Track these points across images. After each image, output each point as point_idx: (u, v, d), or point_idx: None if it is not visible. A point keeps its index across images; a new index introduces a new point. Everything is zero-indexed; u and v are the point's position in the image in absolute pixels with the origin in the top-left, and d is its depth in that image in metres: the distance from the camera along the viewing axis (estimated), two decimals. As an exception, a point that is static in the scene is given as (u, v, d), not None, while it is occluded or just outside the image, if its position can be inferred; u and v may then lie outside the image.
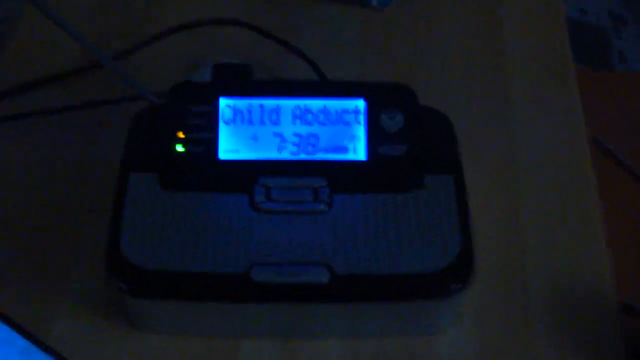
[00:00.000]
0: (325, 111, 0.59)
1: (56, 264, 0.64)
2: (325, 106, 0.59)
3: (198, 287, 0.55)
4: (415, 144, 0.58)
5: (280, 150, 0.58)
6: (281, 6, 0.80)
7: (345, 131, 0.58)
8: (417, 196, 0.57)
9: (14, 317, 0.50)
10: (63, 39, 0.63)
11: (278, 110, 0.59)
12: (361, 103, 0.59)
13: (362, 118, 0.59)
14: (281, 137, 0.58)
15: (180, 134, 0.58)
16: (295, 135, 0.58)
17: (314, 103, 0.59)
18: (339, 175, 0.58)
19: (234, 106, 0.59)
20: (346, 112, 0.59)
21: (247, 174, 0.57)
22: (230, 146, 0.58)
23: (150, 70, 0.74)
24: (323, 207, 0.57)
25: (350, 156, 0.58)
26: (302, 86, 0.61)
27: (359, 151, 0.58)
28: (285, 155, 0.58)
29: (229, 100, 0.59)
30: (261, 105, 0.59)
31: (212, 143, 0.58)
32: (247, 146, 0.58)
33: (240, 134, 0.58)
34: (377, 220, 0.56)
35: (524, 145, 0.72)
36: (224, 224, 0.56)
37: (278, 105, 0.59)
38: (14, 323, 0.50)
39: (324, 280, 0.54)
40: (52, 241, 0.65)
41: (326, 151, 0.58)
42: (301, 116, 0.59)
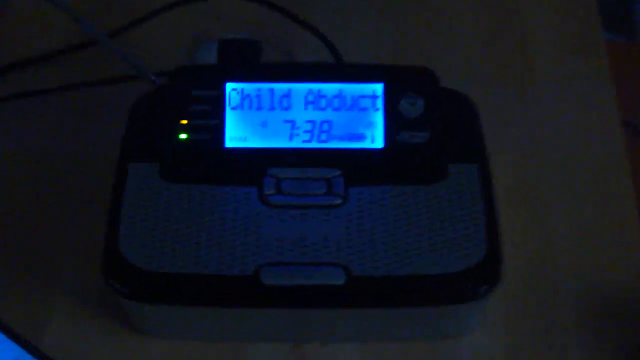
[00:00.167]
0: (340, 96, 0.57)
1: (49, 262, 0.62)
2: (340, 91, 0.57)
3: (202, 291, 0.53)
4: (437, 131, 0.57)
5: (291, 138, 0.57)
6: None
7: (361, 117, 0.57)
8: (440, 188, 0.55)
9: (4, 321, 0.49)
10: (54, 15, 0.61)
11: (289, 94, 0.57)
12: (379, 87, 0.57)
13: (380, 103, 0.57)
14: (292, 124, 0.57)
15: (183, 121, 0.57)
16: (307, 122, 0.57)
17: (328, 87, 0.57)
18: (355, 165, 0.56)
19: (242, 90, 0.57)
20: (363, 97, 0.57)
21: (256, 164, 0.56)
22: (237, 134, 0.57)
23: (150, 47, 0.72)
24: (337, 201, 0.55)
25: (367, 144, 0.57)
26: (316, 69, 0.60)
27: (377, 139, 0.57)
28: (296, 143, 0.57)
29: (237, 84, 0.57)
30: (271, 89, 0.57)
31: (218, 130, 0.56)
32: (256, 134, 0.57)
33: (248, 121, 0.57)
34: (397, 215, 0.54)
35: (550, 130, 0.69)
36: (230, 221, 0.54)
37: (289, 89, 0.57)
38: (5, 327, 0.49)
39: (339, 282, 0.52)
40: (45, 237, 0.63)
41: (341, 139, 0.57)
42: (314, 101, 0.57)
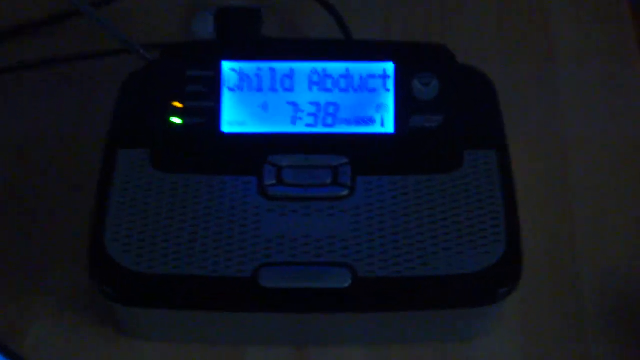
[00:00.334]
0: (347, 76, 0.55)
1: (32, 259, 0.58)
2: (347, 70, 0.55)
3: (196, 294, 0.49)
4: (453, 114, 0.54)
5: (294, 122, 0.54)
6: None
7: (370, 99, 0.55)
8: (455, 178, 0.52)
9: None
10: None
11: (292, 74, 0.55)
12: (390, 66, 0.55)
13: (391, 84, 0.55)
14: (295, 107, 0.55)
15: (176, 103, 0.54)
16: (311, 104, 0.55)
17: (335, 66, 0.55)
18: (363, 151, 0.53)
19: (240, 70, 0.55)
20: (372, 77, 0.55)
21: (255, 151, 0.53)
22: (235, 117, 0.54)
23: (139, 18, 0.69)
24: (343, 192, 0.52)
25: (376, 129, 0.54)
26: (320, 46, 0.57)
27: (387, 123, 0.54)
28: (299, 127, 0.54)
29: (234, 62, 0.55)
30: (272, 68, 0.55)
31: (214, 113, 0.54)
32: (255, 117, 0.54)
33: (247, 103, 0.54)
34: (408, 208, 0.51)
35: (572, 112, 0.65)
36: (227, 216, 0.51)
37: (292, 68, 0.55)
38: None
39: (344, 284, 0.49)
40: (27, 232, 0.60)
41: (348, 123, 0.54)
42: (319, 82, 0.55)
